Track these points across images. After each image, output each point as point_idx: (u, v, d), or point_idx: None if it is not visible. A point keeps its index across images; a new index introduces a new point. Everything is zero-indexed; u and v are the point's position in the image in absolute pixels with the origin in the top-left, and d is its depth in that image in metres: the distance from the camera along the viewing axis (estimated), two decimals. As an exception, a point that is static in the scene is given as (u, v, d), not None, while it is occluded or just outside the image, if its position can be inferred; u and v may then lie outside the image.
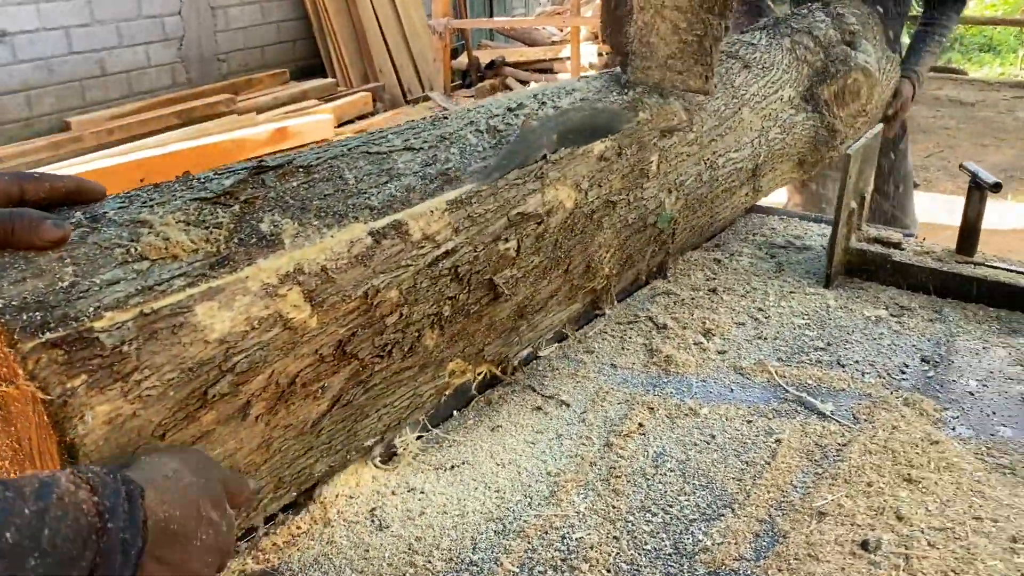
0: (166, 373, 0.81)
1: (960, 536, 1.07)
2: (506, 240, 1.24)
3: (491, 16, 9.86)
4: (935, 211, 4.98)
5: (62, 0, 7.06)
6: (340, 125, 6.59)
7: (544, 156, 1.33)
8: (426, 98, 7.76)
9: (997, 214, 5.02)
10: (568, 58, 7.76)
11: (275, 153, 5.74)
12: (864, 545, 1.04)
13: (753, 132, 1.96)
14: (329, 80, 7.69)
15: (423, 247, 1.10)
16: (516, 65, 8.24)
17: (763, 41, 2.19)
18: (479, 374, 1.34)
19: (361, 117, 7.07)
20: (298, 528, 1.12)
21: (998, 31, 10.99)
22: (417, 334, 1.12)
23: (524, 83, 8.02)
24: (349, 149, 1.16)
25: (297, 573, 1.06)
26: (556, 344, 1.59)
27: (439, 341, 1.17)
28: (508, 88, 7.99)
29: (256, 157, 4.91)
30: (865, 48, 2.32)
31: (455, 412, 1.39)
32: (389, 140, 1.21)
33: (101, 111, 7.12)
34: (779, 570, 1.03)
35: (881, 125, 1.97)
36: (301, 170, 1.06)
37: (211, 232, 0.91)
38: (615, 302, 1.67)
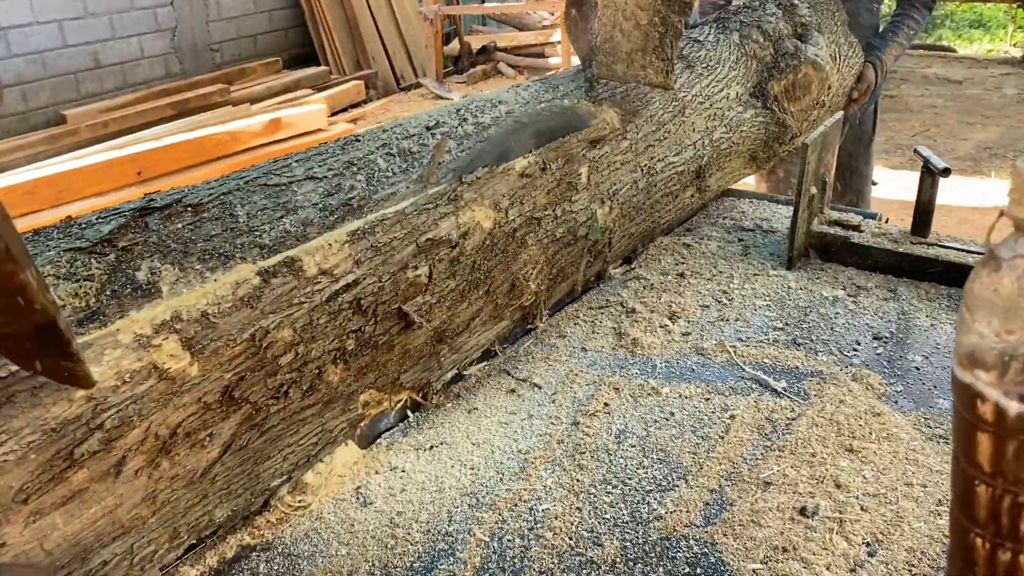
0: (26, 436, 0.79)
1: (891, 501, 1.17)
2: (416, 267, 1.23)
3: (482, 2, 9.90)
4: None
5: (55, -6, 7.11)
6: (333, 114, 6.66)
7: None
8: (418, 85, 7.82)
9: (980, 192, 5.11)
10: (559, 42, 7.82)
11: (270, 144, 5.82)
12: (802, 511, 1.15)
13: (696, 133, 1.96)
14: (322, 68, 7.75)
15: (319, 282, 1.09)
16: (507, 50, 8.31)
17: (711, 37, 2.19)
18: (397, 402, 1.34)
19: (354, 105, 7.14)
20: (288, 507, 1.22)
21: (988, 7, 11.01)
22: (317, 371, 1.11)
23: (516, 68, 8.09)
24: (246, 182, 1.14)
25: (289, 546, 1.17)
26: (483, 361, 1.70)
27: (344, 375, 1.16)
28: (500, 73, 8.06)
29: (249, 148, 4.94)
30: (816, 40, 2.30)
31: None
32: (291, 169, 1.20)
33: (96, 103, 7.19)
34: (724, 535, 1.13)
35: (840, 112, 2.05)
36: (189, 210, 1.04)
37: (81, 286, 0.90)
38: (545, 317, 1.67)
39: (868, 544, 1.11)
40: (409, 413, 1.43)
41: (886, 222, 2.18)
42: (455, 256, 1.31)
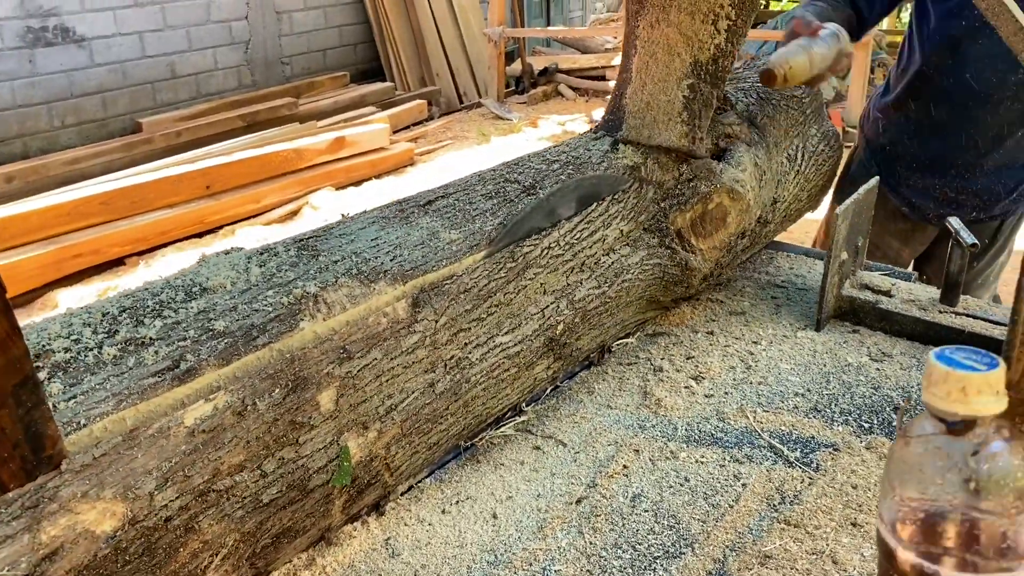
0: None
1: (885, 581, 1.24)
2: None
3: (548, 20, 10.01)
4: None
5: (137, 7, 7.44)
6: (396, 131, 6.83)
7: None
8: (479, 104, 7.96)
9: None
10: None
11: (334, 161, 6.01)
12: (793, 589, 1.22)
13: (547, 296, 1.58)
14: (387, 84, 7.94)
15: None
16: (569, 72, 8.41)
17: (595, 157, 1.79)
18: None
19: (417, 123, 7.31)
20: (322, 558, 1.33)
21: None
22: None
23: (577, 90, 8.18)
24: None
25: (321, 592, 1.27)
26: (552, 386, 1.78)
27: None
28: (560, 95, 8.16)
29: (314, 165, 5.13)
30: (739, 159, 1.91)
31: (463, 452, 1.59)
32: None
33: (170, 112, 7.48)
34: (723, 606, 1.21)
35: (876, 179, 2.09)
36: None
37: None
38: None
39: (858, 624, 1.17)
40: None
41: (924, 280, 2.22)
42: None
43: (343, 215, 1.57)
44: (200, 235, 5.59)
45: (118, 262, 5.29)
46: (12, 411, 0.70)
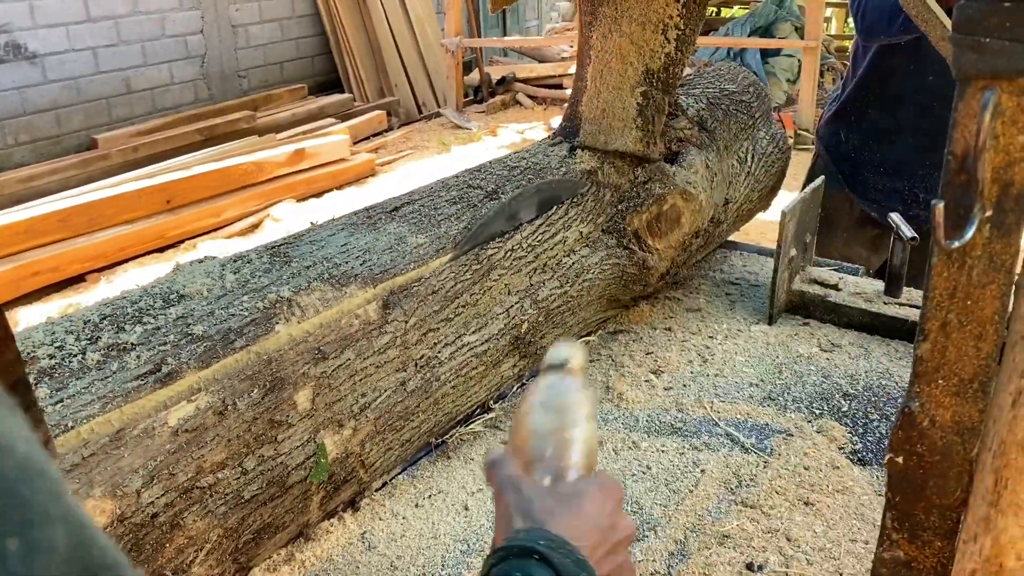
0: None
1: (835, 556, 1.32)
2: None
3: (504, 30, 10.11)
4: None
5: (91, 22, 7.39)
6: (356, 143, 6.86)
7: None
8: (439, 114, 8.02)
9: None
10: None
11: (294, 173, 6.03)
12: (749, 566, 1.29)
13: (512, 296, 1.64)
14: (346, 96, 7.96)
15: None
16: (527, 81, 8.51)
17: (554, 162, 1.86)
18: None
19: (377, 134, 7.35)
20: (300, 553, 1.38)
21: None
22: None
23: (534, 99, 8.28)
24: None
25: (301, 585, 1.32)
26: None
27: None
28: (519, 103, 8.25)
29: (274, 177, 5.13)
30: (690, 162, 1.99)
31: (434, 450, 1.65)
32: None
33: (126, 128, 7.44)
34: (684, 583, 1.28)
35: (821, 178, 2.18)
36: None
37: None
38: None
39: (811, 594, 1.25)
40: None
41: (869, 274, 2.32)
42: None
43: (312, 223, 1.62)
44: (161, 250, 5.57)
45: (78, 279, 5.25)
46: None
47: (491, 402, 1.72)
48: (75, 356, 1.11)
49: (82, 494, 0.98)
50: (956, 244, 0.70)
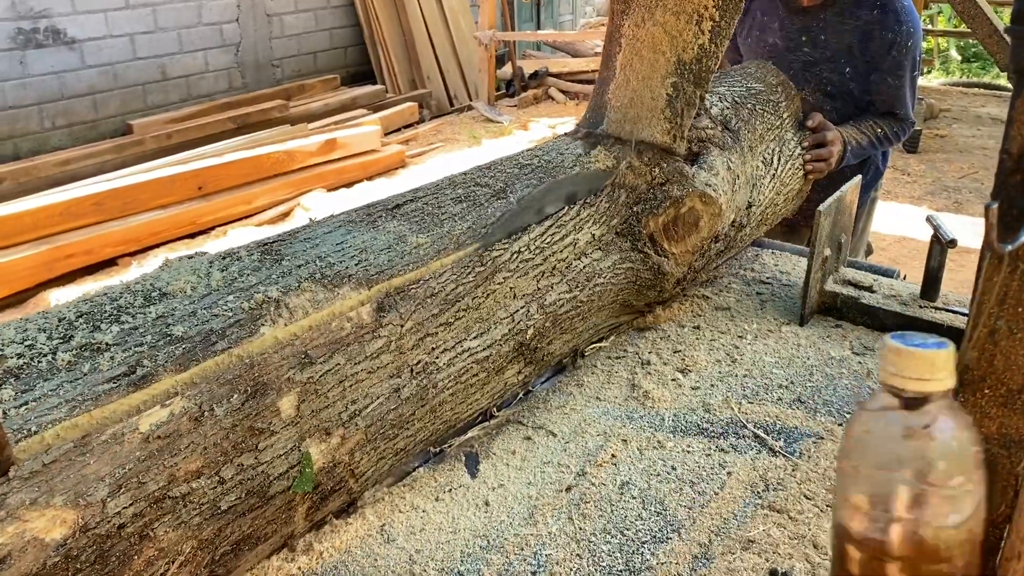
0: None
1: (864, 563, 1.28)
2: None
3: (538, 24, 10.07)
4: (965, 235, 5.07)
5: (128, 9, 7.45)
6: (388, 134, 6.87)
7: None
8: (470, 107, 8.01)
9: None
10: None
11: (325, 163, 6.04)
12: (774, 572, 1.26)
13: (517, 301, 1.57)
14: (378, 87, 7.98)
15: None
16: (559, 75, 8.47)
17: (567, 160, 1.79)
18: None
19: (408, 126, 7.35)
20: (319, 543, 1.36)
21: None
22: None
23: (567, 93, 8.24)
24: None
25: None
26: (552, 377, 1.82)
27: None
28: (551, 98, 8.21)
29: (305, 167, 5.18)
30: (711, 163, 1.91)
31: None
32: None
33: (161, 114, 7.50)
34: (707, 587, 1.25)
35: (858, 177, 2.14)
36: None
37: None
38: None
39: (838, 604, 1.21)
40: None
41: (903, 279, 2.27)
42: None
43: (310, 219, 1.57)
44: (193, 235, 5.61)
45: (111, 262, 5.30)
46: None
47: (494, 409, 1.70)
48: (45, 356, 1.06)
49: (41, 503, 0.93)
50: (1010, 247, 0.66)
